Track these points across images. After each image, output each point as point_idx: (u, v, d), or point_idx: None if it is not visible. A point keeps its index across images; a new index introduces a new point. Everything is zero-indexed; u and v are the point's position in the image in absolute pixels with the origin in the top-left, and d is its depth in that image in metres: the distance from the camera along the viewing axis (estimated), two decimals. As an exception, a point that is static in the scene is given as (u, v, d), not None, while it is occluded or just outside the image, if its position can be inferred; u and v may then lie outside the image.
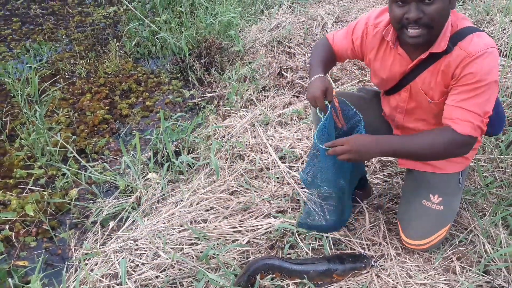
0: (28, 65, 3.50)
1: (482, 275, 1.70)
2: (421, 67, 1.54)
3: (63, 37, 4.27)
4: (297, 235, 1.88)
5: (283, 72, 3.35)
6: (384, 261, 1.78)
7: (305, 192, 2.09)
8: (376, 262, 1.76)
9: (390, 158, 2.34)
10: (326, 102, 1.60)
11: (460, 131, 1.43)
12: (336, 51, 1.81)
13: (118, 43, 4.03)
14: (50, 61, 3.80)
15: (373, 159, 2.34)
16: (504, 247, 1.76)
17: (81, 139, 2.86)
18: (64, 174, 2.48)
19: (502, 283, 1.66)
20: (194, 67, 3.61)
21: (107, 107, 3.21)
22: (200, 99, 3.30)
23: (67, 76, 3.60)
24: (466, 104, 1.43)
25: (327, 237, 1.86)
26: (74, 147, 2.67)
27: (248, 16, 4.34)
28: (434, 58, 1.50)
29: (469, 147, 1.48)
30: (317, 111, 1.61)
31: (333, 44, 1.80)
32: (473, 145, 1.50)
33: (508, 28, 3.32)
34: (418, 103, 1.63)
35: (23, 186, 2.45)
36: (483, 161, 2.28)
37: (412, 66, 1.56)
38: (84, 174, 2.43)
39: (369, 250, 1.84)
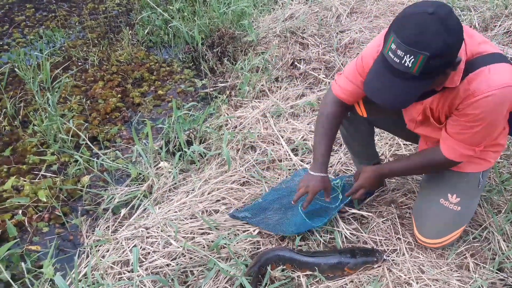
0: (35, 53, 3.50)
1: (496, 273, 1.67)
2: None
3: (76, 24, 4.27)
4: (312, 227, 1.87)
5: (296, 63, 3.32)
6: (397, 256, 1.77)
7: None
8: (388, 256, 1.75)
9: (403, 151, 2.32)
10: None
11: (448, 156, 1.55)
12: (347, 101, 1.72)
13: (131, 31, 4.02)
14: (63, 48, 3.81)
15: (387, 152, 2.32)
16: (520, 245, 1.74)
17: (93, 127, 2.86)
18: (76, 161, 2.49)
19: (516, 281, 1.64)
20: (206, 57, 3.59)
21: (119, 95, 3.22)
22: (212, 89, 3.29)
23: (79, 64, 3.61)
24: (460, 137, 1.48)
25: (339, 230, 1.85)
26: (87, 134, 2.68)
27: (261, 6, 4.30)
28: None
29: (455, 165, 1.61)
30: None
31: (342, 97, 1.70)
32: (459, 163, 1.59)
33: (527, 22, 3.26)
34: (427, 117, 1.59)
35: (36, 172, 2.47)
36: (499, 157, 2.24)
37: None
38: (96, 162, 2.44)
39: (381, 244, 1.82)
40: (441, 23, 1.19)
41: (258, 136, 2.53)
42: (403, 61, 1.22)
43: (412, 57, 1.20)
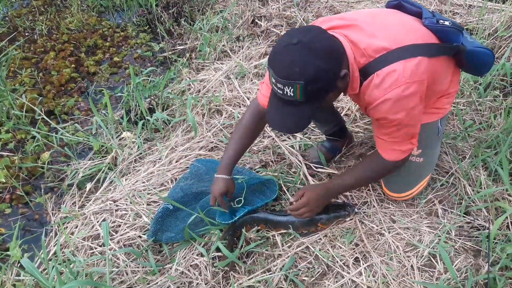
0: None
1: (463, 216, 1.73)
2: None
3: (19, -9, 3.98)
4: (281, 186, 1.86)
5: (256, 20, 3.22)
6: (368, 208, 1.79)
7: (286, 145, 2.06)
8: (359, 209, 1.77)
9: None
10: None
11: (390, 159, 1.54)
12: None
13: (79, -4, 3.78)
14: (7, 18, 3.55)
15: (353, 107, 2.31)
16: (484, 189, 1.79)
17: (48, 100, 2.71)
18: (34, 137, 2.37)
19: (482, 222, 1.70)
20: (162, 19, 3.43)
21: (73, 65, 3.05)
22: (171, 53, 3.17)
23: (27, 34, 3.38)
24: (389, 138, 1.49)
25: (310, 187, 1.85)
26: (42, 109, 2.54)
27: (216, -38, 4.12)
28: None
29: (401, 165, 1.59)
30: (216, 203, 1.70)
31: (265, 104, 1.60)
32: (403, 163, 1.58)
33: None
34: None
35: (-9, 152, 2.34)
36: (462, 104, 2.28)
37: None
38: (55, 136, 2.32)
39: (352, 198, 1.84)
40: (307, 51, 1.22)
41: (223, 99, 2.47)
42: (285, 92, 1.27)
43: (291, 87, 1.24)
